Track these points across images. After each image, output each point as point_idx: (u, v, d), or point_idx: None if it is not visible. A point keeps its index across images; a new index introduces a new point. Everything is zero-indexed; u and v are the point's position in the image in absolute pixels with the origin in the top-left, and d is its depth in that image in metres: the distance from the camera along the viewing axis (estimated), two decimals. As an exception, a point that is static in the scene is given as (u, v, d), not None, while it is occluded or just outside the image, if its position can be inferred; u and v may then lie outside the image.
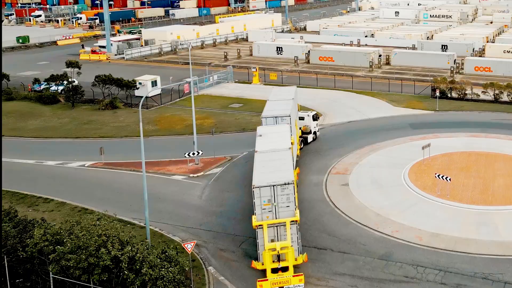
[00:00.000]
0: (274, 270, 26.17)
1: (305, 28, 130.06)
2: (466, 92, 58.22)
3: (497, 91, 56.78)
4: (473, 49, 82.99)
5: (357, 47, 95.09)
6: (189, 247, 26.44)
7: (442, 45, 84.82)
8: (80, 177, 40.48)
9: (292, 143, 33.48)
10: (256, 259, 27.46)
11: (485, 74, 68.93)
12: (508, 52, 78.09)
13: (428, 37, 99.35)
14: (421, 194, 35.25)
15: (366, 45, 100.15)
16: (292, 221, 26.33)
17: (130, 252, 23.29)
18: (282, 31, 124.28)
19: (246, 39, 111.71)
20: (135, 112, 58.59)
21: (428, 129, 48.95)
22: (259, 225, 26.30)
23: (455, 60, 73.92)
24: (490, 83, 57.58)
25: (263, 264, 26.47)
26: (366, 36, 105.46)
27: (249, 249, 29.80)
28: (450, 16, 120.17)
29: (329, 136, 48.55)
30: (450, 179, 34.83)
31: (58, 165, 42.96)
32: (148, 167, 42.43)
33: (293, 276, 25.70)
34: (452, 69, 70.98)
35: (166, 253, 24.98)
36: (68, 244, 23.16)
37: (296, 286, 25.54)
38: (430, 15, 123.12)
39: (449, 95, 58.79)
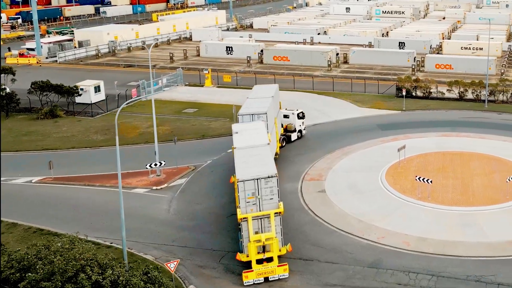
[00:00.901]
0: (259, 261, 28.67)
1: (251, 26, 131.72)
2: (431, 90, 61.31)
3: (462, 89, 60.18)
4: (431, 46, 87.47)
5: (310, 45, 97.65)
6: (172, 266, 26.29)
7: (399, 42, 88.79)
8: (29, 195, 39.06)
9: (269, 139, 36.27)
10: (241, 251, 29.63)
11: (446, 72, 72.93)
12: (466, 48, 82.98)
13: (383, 34, 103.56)
14: (402, 198, 36.87)
15: (319, 43, 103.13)
16: (276, 212, 29.05)
17: (112, 275, 22.90)
18: (228, 29, 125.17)
19: (190, 38, 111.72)
20: (78, 121, 57.22)
21: (398, 130, 51.20)
22: (244, 218, 28.67)
23: (415, 57, 77.66)
24: (455, 81, 60.99)
25: (248, 256, 28.82)
26: (318, 34, 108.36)
27: (230, 264, 30.01)
28: (402, 12, 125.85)
29: (297, 140, 49.54)
30: (431, 181, 36.63)
31: (2, 182, 41.15)
32: (105, 181, 41.93)
33: (278, 266, 28.44)
34: (413, 67, 74.48)
35: (149, 275, 24.73)
36: (41, 270, 22.43)
37: (281, 275, 28.37)
38: (383, 11, 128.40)
39: (414, 94, 61.69)
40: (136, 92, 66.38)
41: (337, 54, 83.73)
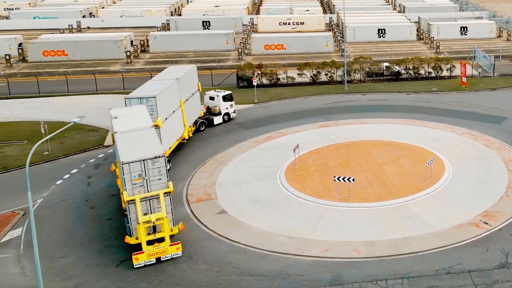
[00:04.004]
0: (150, 243, 35.52)
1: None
2: (279, 76, 68.44)
3: (314, 72, 68.57)
4: (242, 23, 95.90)
5: (79, 32, 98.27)
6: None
7: (204, 22, 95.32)
8: None
9: (158, 123, 45.79)
10: (129, 234, 36.14)
11: (278, 53, 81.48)
12: (285, 24, 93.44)
13: (172, 12, 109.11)
14: (320, 203, 41.80)
15: (88, 28, 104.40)
16: (165, 192, 36.33)
17: None
18: None
19: None
20: None
21: (264, 127, 56.73)
22: (131, 200, 35.43)
23: (234, 39, 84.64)
24: (305, 64, 69.09)
25: (137, 239, 35.59)
26: (84, 17, 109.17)
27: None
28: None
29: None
30: (353, 180, 42.46)
31: None
32: None
33: (170, 245, 35.46)
34: (239, 50, 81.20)
35: None
36: None
37: (174, 254, 35.54)
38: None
39: (258, 82, 67.97)
40: None
41: (132, 41, 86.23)
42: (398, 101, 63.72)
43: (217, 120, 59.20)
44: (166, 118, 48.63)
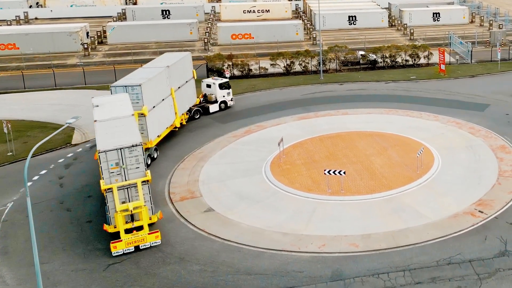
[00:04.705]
0: (129, 231, 37.89)
1: None
2: (251, 67, 69.56)
3: (288, 62, 69.91)
4: (204, 12, 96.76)
5: (28, 24, 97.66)
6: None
7: (163, 11, 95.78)
8: None
9: (144, 112, 48.49)
10: (108, 222, 38.60)
11: (246, 42, 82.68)
12: (249, 12, 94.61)
13: (126, 0, 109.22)
14: (311, 197, 43.11)
15: (36, 19, 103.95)
16: (143, 181, 38.58)
17: None
18: None
19: None
20: None
21: (241, 120, 57.91)
22: (108, 189, 37.86)
23: (198, 28, 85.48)
24: (279, 53, 70.43)
25: (115, 227, 37.95)
26: (31, 7, 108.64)
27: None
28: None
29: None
30: (344, 173, 43.86)
31: None
32: None
33: (149, 234, 37.73)
34: (205, 41, 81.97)
35: None
36: None
37: (153, 243, 37.80)
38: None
39: (230, 74, 69.02)
40: None
41: (88, 32, 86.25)
42: (377, 91, 65.53)
43: (213, 108, 61.43)
44: (153, 107, 50.69)
